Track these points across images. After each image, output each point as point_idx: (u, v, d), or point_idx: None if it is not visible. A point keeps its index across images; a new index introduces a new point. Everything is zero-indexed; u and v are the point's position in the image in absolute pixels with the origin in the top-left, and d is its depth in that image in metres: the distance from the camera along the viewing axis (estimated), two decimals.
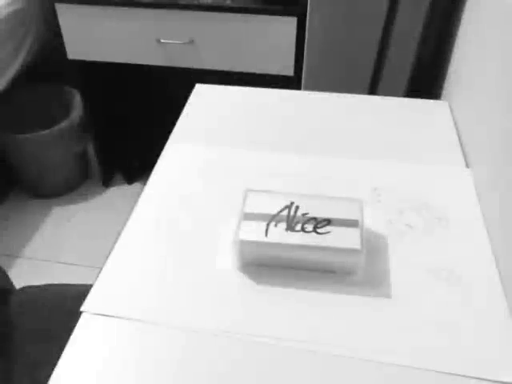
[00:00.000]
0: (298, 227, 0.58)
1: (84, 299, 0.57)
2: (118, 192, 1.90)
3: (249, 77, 1.44)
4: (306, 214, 0.59)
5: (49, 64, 1.73)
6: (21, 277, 1.18)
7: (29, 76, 1.68)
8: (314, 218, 0.59)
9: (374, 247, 0.61)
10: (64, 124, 1.69)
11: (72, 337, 0.53)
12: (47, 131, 1.66)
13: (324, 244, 0.56)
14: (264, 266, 0.59)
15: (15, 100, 1.76)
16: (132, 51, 1.47)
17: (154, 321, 0.54)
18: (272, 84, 1.00)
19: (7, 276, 1.00)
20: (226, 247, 0.61)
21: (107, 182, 1.92)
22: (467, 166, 0.75)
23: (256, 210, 0.60)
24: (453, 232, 0.64)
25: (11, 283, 1.00)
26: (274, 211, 0.59)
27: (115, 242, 0.64)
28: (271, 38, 1.36)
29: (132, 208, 0.68)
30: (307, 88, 1.24)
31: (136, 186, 1.91)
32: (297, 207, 0.60)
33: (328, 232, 0.57)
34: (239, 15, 1.34)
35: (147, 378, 0.50)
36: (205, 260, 0.61)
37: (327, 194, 0.64)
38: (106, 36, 1.45)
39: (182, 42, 1.40)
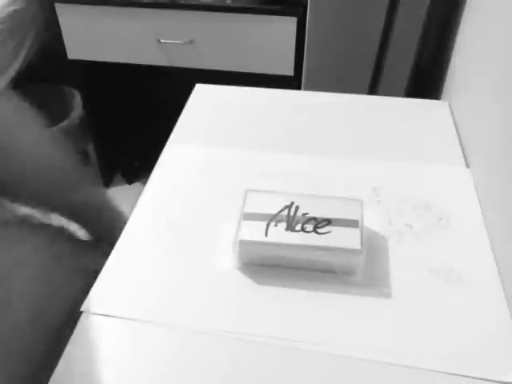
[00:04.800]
0: (298, 227, 0.58)
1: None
2: (118, 192, 1.90)
3: (249, 77, 1.44)
4: (306, 213, 0.59)
5: (49, 64, 1.73)
6: None
7: (29, 76, 1.68)
8: (314, 218, 0.59)
9: (373, 247, 0.61)
10: (64, 124, 1.69)
11: (72, 337, 0.53)
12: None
13: (324, 244, 0.56)
14: (264, 266, 0.59)
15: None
16: (132, 51, 1.47)
17: (153, 321, 0.54)
18: (272, 84, 1.00)
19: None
20: (226, 247, 0.61)
21: (107, 182, 1.92)
22: (467, 166, 0.75)
23: (256, 210, 0.60)
24: (453, 232, 0.64)
25: None
26: (274, 211, 0.59)
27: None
28: (271, 38, 1.36)
29: (132, 208, 0.68)
30: (307, 88, 1.24)
31: (136, 185, 1.91)
32: (297, 207, 0.60)
33: (328, 232, 0.57)
34: (239, 15, 1.34)
35: (147, 377, 0.50)
36: (205, 260, 0.61)
37: (327, 194, 0.64)
38: (105, 36, 1.45)
39: (182, 41, 1.40)
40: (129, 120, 1.88)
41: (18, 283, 0.52)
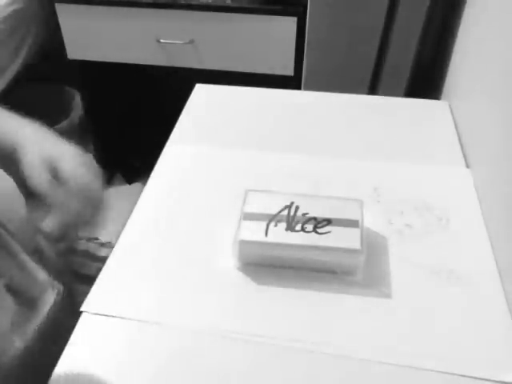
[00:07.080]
0: (298, 227, 0.58)
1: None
2: (117, 192, 1.90)
3: (249, 77, 1.44)
4: (306, 213, 0.59)
5: (49, 64, 1.73)
6: None
7: (29, 76, 1.68)
8: (314, 218, 0.59)
9: (374, 247, 0.61)
10: (64, 124, 1.69)
11: (72, 337, 0.53)
12: None
13: (324, 244, 0.56)
14: (264, 265, 0.59)
15: (15, 100, 1.76)
16: (132, 51, 1.47)
17: (154, 321, 0.54)
18: (272, 84, 1.00)
19: None
20: (226, 247, 0.61)
21: (107, 182, 1.92)
22: (467, 166, 0.75)
23: (256, 210, 0.60)
24: (453, 232, 0.64)
25: None
26: (274, 211, 0.59)
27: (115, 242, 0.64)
28: (271, 38, 1.36)
29: (132, 208, 0.68)
30: (307, 88, 1.24)
31: (136, 185, 1.91)
32: (297, 207, 0.60)
33: (328, 232, 0.57)
34: (239, 15, 1.33)
35: (147, 377, 0.50)
36: (205, 260, 0.61)
37: (327, 194, 0.64)
38: (106, 36, 1.45)
39: (182, 41, 1.40)
40: (129, 120, 1.88)
41: None
